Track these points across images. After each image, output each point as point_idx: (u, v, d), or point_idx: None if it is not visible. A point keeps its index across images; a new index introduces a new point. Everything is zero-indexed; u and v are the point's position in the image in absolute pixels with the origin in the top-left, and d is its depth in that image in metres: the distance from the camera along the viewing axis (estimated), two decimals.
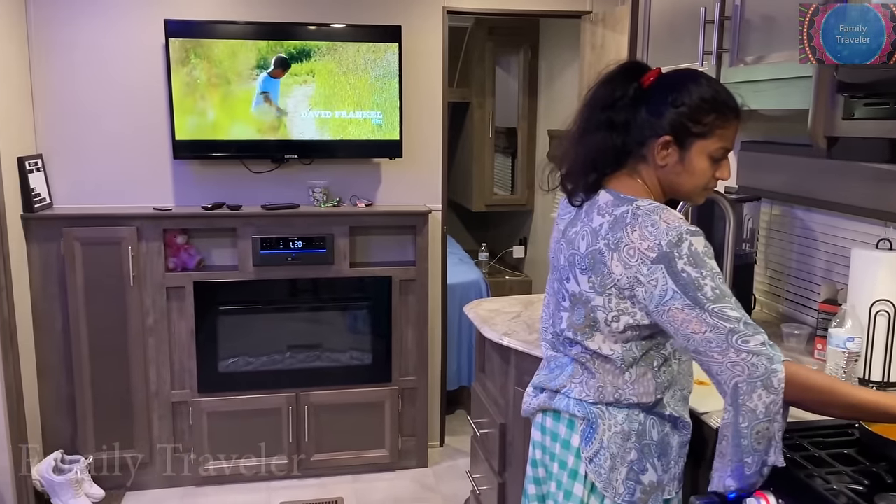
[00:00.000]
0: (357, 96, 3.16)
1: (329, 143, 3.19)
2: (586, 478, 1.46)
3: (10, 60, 2.82)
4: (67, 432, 3.13)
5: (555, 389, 1.54)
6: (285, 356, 3.34)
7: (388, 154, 3.28)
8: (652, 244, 1.32)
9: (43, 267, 3.02)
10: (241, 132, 3.11)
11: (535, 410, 1.61)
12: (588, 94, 1.51)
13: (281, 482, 3.28)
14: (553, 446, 1.55)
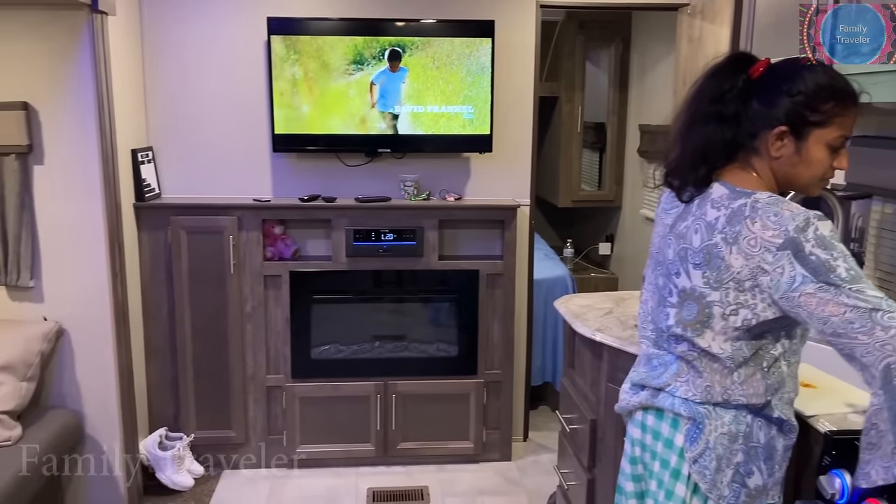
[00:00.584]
0: (449, 91, 3.19)
1: (421, 137, 3.24)
2: (689, 478, 1.44)
3: (125, 58, 2.99)
4: (171, 411, 3.30)
5: (658, 387, 1.52)
6: (374, 345, 3.42)
7: (478, 148, 3.30)
8: (777, 231, 1.29)
9: (152, 254, 3.19)
10: (336, 126, 3.20)
11: (635, 408, 1.59)
12: (694, 88, 1.49)
13: (368, 468, 3.37)
14: (654, 444, 1.54)
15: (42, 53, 2.61)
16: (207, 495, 3.11)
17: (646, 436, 1.57)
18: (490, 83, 3.19)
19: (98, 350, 2.80)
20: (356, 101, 3.17)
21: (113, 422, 2.86)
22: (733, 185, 1.40)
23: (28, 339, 2.62)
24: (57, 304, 2.76)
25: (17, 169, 2.61)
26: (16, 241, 2.65)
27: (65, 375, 2.80)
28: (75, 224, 2.72)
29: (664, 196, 1.59)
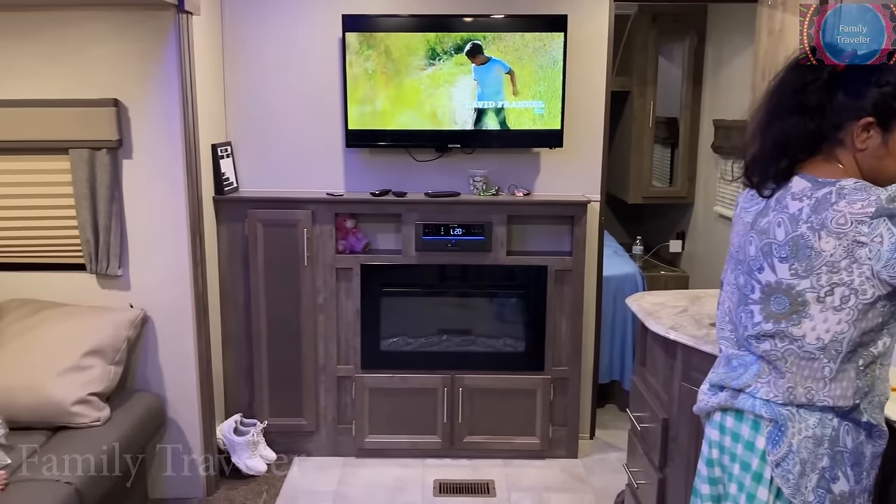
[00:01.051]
0: (520, 86, 3.19)
1: (490, 132, 3.25)
2: (772, 482, 1.41)
3: (207, 57, 3.10)
4: (246, 398, 3.41)
5: (738, 388, 1.50)
6: (442, 339, 3.45)
7: (549, 144, 3.29)
8: (866, 202, 1.29)
9: (229, 245, 3.30)
10: (407, 122, 3.24)
11: (714, 409, 1.57)
12: (775, 80, 1.46)
13: (435, 460, 3.41)
14: (734, 447, 1.51)
15: (131, 53, 2.73)
16: (280, 480, 3.21)
17: (724, 438, 1.54)
18: (562, 78, 3.17)
19: (179, 337, 2.92)
20: (427, 96, 3.20)
21: (192, 406, 2.98)
22: (815, 177, 1.38)
23: (116, 325, 2.76)
24: (142, 292, 2.89)
25: (107, 163, 2.74)
26: (106, 231, 2.79)
27: (148, 360, 2.93)
28: (160, 216, 2.84)
29: (742, 196, 1.57)
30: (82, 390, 2.58)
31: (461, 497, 3.11)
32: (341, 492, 3.14)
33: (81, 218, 2.77)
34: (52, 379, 2.55)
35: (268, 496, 3.07)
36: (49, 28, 2.71)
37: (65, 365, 2.59)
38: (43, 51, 2.72)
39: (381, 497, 3.10)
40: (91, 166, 2.74)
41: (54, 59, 2.73)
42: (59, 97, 2.72)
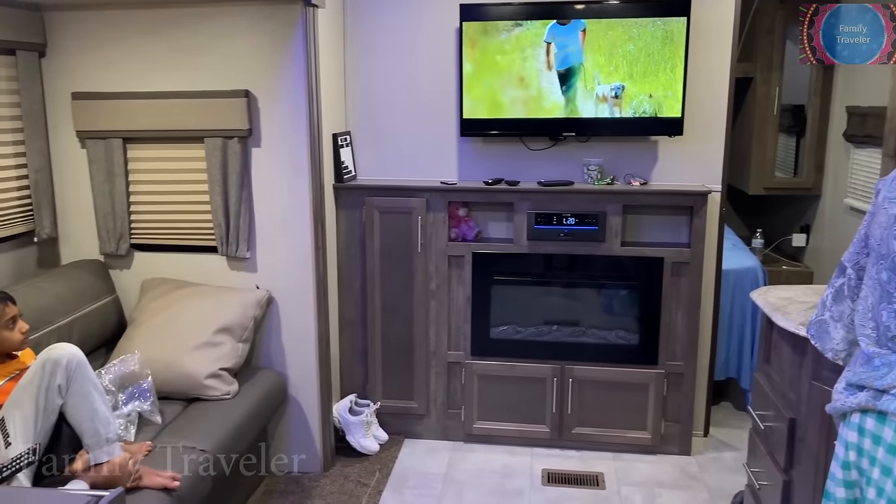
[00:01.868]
0: (638, 72, 3.12)
1: (606, 120, 3.20)
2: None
3: (330, 48, 3.21)
4: (360, 379, 3.53)
5: (881, 389, 1.43)
6: (552, 329, 3.44)
7: (668, 131, 3.20)
8: None
9: (347, 231, 3.42)
10: (521, 111, 3.23)
11: (852, 410, 1.50)
12: None
13: (542, 449, 3.40)
14: (874, 450, 1.44)
15: (262, 46, 2.86)
16: (391, 460, 3.30)
17: (864, 440, 1.47)
18: (683, 64, 3.07)
19: (301, 318, 3.05)
20: (542, 84, 3.19)
21: (312, 385, 3.11)
22: None
23: (244, 304, 2.91)
24: (267, 274, 3.04)
25: (238, 151, 2.89)
26: (236, 216, 2.95)
27: (272, 340, 3.08)
28: (285, 202, 2.97)
29: (884, 183, 1.47)
30: (214, 365, 2.75)
31: (570, 487, 3.10)
32: (451, 475, 3.19)
33: (214, 203, 2.94)
34: (188, 353, 2.73)
35: (380, 475, 3.17)
36: (188, 24, 2.89)
37: (198, 341, 2.77)
38: (183, 45, 2.90)
39: (489, 482, 3.13)
40: (223, 154, 2.90)
41: (193, 52, 2.90)
42: (197, 89, 2.89)
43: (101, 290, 2.96)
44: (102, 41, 2.94)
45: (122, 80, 2.95)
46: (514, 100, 3.23)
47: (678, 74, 3.08)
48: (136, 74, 2.95)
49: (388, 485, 3.10)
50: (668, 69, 3.09)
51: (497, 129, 3.30)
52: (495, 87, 3.22)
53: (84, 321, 2.80)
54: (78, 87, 2.97)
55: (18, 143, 2.86)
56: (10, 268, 2.88)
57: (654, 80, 3.11)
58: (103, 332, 2.92)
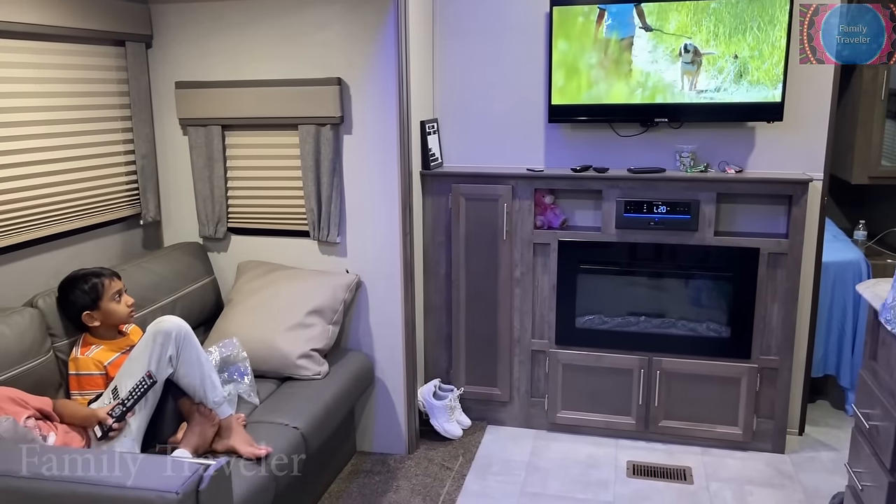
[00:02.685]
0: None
1: (701, 105, 3.10)
2: None
3: (419, 34, 3.23)
4: (444, 364, 3.56)
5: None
6: (640, 319, 3.38)
7: (766, 117, 3.07)
8: None
9: (434, 218, 3.44)
10: (612, 97, 3.17)
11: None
12: None
13: (628, 441, 3.36)
14: None
15: (354, 33, 2.91)
16: (474, 446, 3.32)
17: None
18: (785, 47, 2.94)
19: (388, 302, 3.10)
20: (634, 68, 3.12)
21: (398, 368, 3.16)
22: None
23: (335, 288, 2.99)
24: (357, 258, 3.11)
25: (330, 138, 2.96)
26: (328, 201, 3.02)
27: (360, 322, 3.15)
28: (375, 188, 3.03)
29: None
30: (306, 346, 2.83)
31: (656, 480, 3.04)
32: (534, 463, 3.19)
33: (307, 189, 3.02)
34: (281, 333, 2.82)
35: (464, 459, 3.20)
36: (284, 14, 2.97)
37: (291, 322, 2.86)
38: (279, 35, 2.99)
39: (573, 472, 3.11)
40: (316, 141, 2.97)
41: (289, 41, 2.98)
42: (292, 77, 2.97)
43: (200, 271, 3.10)
44: (204, 31, 3.05)
45: (222, 69, 3.07)
46: (605, 85, 3.17)
47: (779, 58, 2.95)
48: (235, 63, 3.05)
49: (471, 469, 3.13)
50: (767, 52, 2.95)
51: (586, 115, 3.25)
52: (585, 72, 3.17)
53: (185, 300, 2.93)
54: (181, 77, 3.10)
55: (127, 131, 3.02)
56: (117, 249, 3.05)
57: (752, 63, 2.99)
58: (202, 312, 3.05)
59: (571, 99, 3.22)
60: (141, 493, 1.41)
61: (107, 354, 2.38)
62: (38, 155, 2.59)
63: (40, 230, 2.62)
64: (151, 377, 2.15)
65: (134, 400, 2.12)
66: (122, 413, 2.10)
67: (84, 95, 2.78)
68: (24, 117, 2.52)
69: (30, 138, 2.55)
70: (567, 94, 3.22)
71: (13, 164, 2.48)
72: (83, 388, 2.34)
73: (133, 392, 2.13)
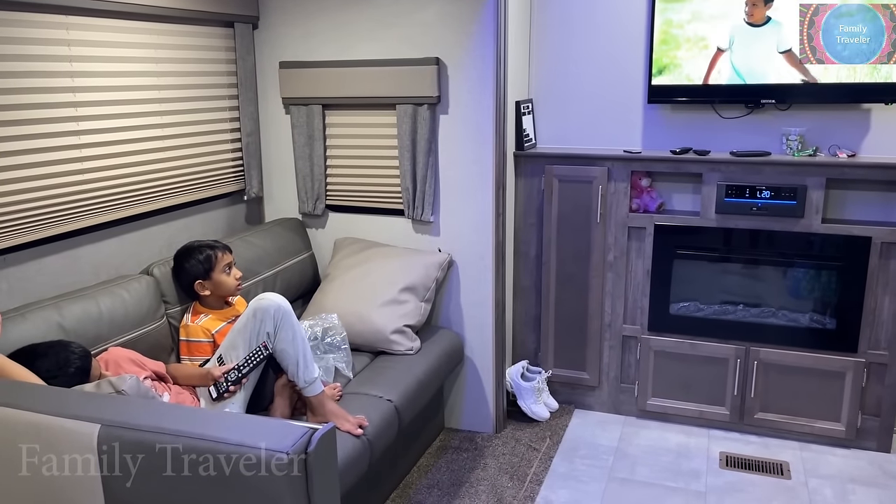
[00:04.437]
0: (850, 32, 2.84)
1: (812, 86, 2.95)
2: None
3: (517, 15, 3.21)
4: (532, 346, 3.56)
5: None
6: (737, 307, 3.27)
7: (884, 99, 2.90)
8: None
9: (526, 199, 3.43)
10: (716, 76, 3.07)
11: None
12: None
13: (720, 432, 3.27)
14: None
15: (453, 14, 2.92)
16: (562, 429, 3.31)
17: None
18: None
19: (479, 282, 3.12)
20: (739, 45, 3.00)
21: (487, 348, 3.18)
22: None
23: (427, 266, 3.03)
24: (449, 237, 3.14)
25: (427, 118, 2.99)
26: (423, 181, 3.06)
27: (451, 301, 3.18)
28: (469, 168, 3.04)
29: None
30: (399, 321, 2.89)
31: (751, 474, 2.96)
32: (622, 449, 3.16)
33: (403, 168, 3.07)
34: (376, 309, 2.89)
35: (551, 442, 3.20)
36: None
37: (385, 298, 2.92)
38: (379, 15, 3.03)
39: (664, 460, 3.06)
40: (413, 121, 3.01)
41: (387, 22, 3.02)
42: (390, 57, 3.02)
43: (299, 246, 3.20)
44: (307, 13, 3.13)
45: (323, 49, 3.14)
46: (709, 65, 3.06)
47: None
48: (336, 44, 3.12)
49: (558, 451, 3.13)
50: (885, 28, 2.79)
51: (688, 95, 3.15)
52: (688, 51, 3.08)
53: (285, 274, 3.04)
54: (284, 57, 3.20)
55: (234, 109, 3.14)
56: (223, 222, 3.18)
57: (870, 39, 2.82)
58: (301, 285, 3.16)
59: (673, 79, 3.14)
60: (254, 451, 1.48)
61: (215, 323, 2.50)
62: (153, 131, 2.73)
63: (154, 203, 2.77)
64: (267, 348, 2.24)
65: (249, 368, 2.23)
66: (237, 378, 2.21)
67: (195, 75, 2.91)
68: (142, 95, 2.66)
69: (146, 115, 2.69)
70: (668, 75, 3.13)
71: (131, 139, 2.63)
72: (192, 353, 2.47)
73: (249, 359, 2.24)
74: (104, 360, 2.13)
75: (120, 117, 2.57)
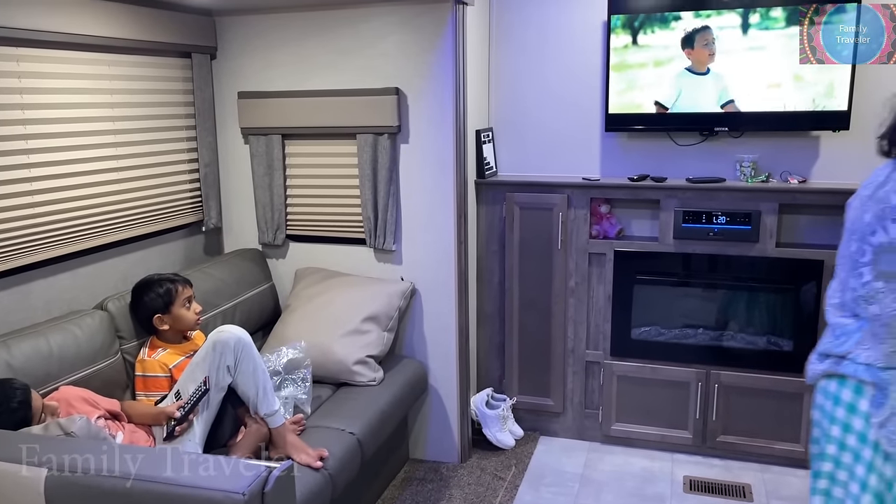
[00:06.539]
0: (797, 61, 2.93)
1: (762, 114, 3.04)
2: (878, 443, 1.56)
3: (475, 44, 3.24)
4: (496, 373, 3.56)
5: (840, 355, 1.65)
6: (697, 331, 3.32)
7: (832, 126, 2.99)
8: None
9: (488, 227, 3.45)
10: (670, 105, 3.13)
11: (819, 376, 1.73)
12: None
13: (684, 455, 3.29)
14: (834, 410, 1.67)
15: (412, 44, 2.94)
16: (527, 456, 3.30)
17: (826, 402, 1.70)
18: (853, 52, 2.86)
19: (442, 310, 3.12)
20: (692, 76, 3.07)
21: (451, 376, 3.17)
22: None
23: (390, 295, 3.01)
24: (412, 266, 3.13)
25: (388, 147, 2.99)
26: (384, 210, 3.05)
27: (415, 330, 3.17)
28: (430, 197, 3.05)
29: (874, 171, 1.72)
30: (361, 352, 2.86)
31: (714, 497, 2.98)
32: (587, 475, 3.16)
33: (364, 197, 3.06)
34: (338, 339, 2.86)
35: (516, 470, 3.18)
36: (344, 25, 3.02)
37: (347, 328, 2.89)
38: (338, 46, 3.04)
39: (628, 485, 3.07)
40: (374, 150, 3.01)
41: (348, 52, 3.03)
42: (350, 87, 3.02)
43: (259, 277, 3.16)
44: (266, 44, 3.13)
45: (283, 79, 3.13)
46: (663, 94, 3.13)
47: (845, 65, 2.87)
48: (296, 74, 3.12)
49: (524, 480, 3.11)
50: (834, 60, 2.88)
51: (644, 123, 3.22)
52: (644, 81, 3.14)
53: (245, 305, 3.00)
54: (243, 87, 3.18)
55: (191, 140, 3.11)
56: (181, 254, 3.13)
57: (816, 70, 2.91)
58: (261, 317, 3.12)
59: (628, 108, 3.19)
60: (209, 493, 1.44)
61: (172, 357, 2.45)
62: (109, 163, 2.68)
63: (109, 236, 2.71)
64: (206, 384, 2.20)
65: (191, 405, 2.18)
66: (182, 416, 2.16)
67: (152, 106, 2.88)
68: (97, 126, 2.62)
69: (101, 147, 2.65)
70: (624, 104, 3.19)
71: (85, 171, 2.58)
72: (149, 389, 2.41)
73: (192, 396, 2.19)
74: (54, 399, 2.06)
75: (73, 149, 2.52)
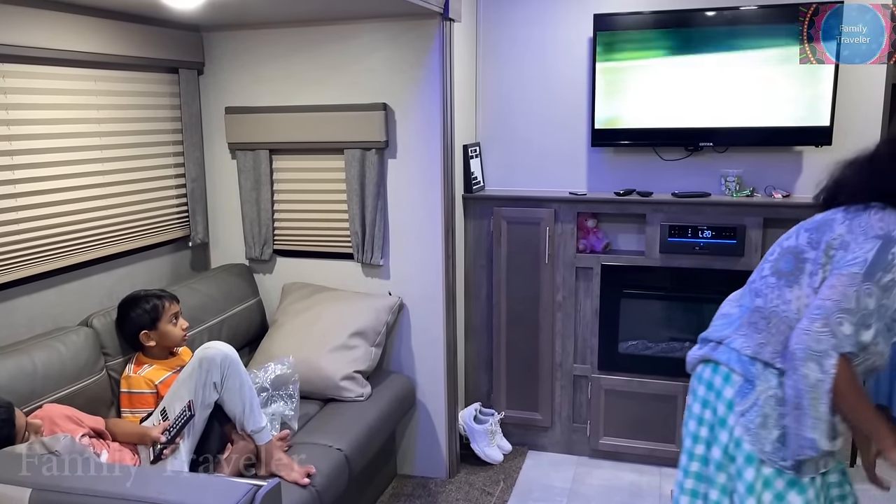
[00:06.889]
0: (782, 78, 2.98)
1: (747, 129, 3.07)
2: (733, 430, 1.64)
3: (463, 60, 3.27)
4: (485, 388, 3.55)
5: (717, 340, 1.74)
6: (684, 345, 3.33)
7: (814, 141, 3.03)
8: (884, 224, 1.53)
9: (475, 241, 3.46)
10: (656, 120, 3.17)
11: (697, 362, 1.80)
12: None
13: (672, 469, 3.27)
14: (707, 395, 1.74)
15: (400, 59, 2.96)
16: (515, 471, 3.29)
17: (700, 387, 1.77)
18: (834, 68, 2.90)
19: (430, 325, 3.11)
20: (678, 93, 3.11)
21: (439, 391, 3.16)
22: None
23: (378, 310, 3.01)
24: (399, 281, 3.13)
25: (375, 162, 3.00)
26: (372, 224, 3.05)
27: (402, 345, 3.16)
28: (418, 212, 3.05)
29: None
30: (349, 367, 2.85)
31: None
32: (576, 489, 3.15)
33: (351, 212, 3.06)
34: (325, 355, 2.85)
35: (505, 485, 3.17)
36: (332, 41, 3.03)
37: (335, 343, 2.88)
38: (326, 61, 3.05)
39: (616, 499, 3.07)
40: (361, 165, 3.01)
41: (335, 68, 3.04)
42: (338, 103, 3.03)
43: (246, 292, 3.15)
44: (253, 59, 3.13)
45: (271, 95, 3.14)
46: (648, 110, 3.16)
47: (826, 81, 2.91)
48: (283, 90, 3.12)
49: (512, 495, 3.10)
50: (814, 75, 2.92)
51: (630, 138, 3.24)
52: (629, 97, 3.17)
53: (232, 321, 2.98)
54: (231, 102, 3.18)
55: (178, 155, 3.10)
56: (167, 270, 3.11)
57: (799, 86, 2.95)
58: (248, 332, 3.10)
59: (614, 123, 3.22)
60: None
61: (159, 373, 2.43)
62: (95, 178, 2.67)
63: (95, 251, 2.69)
64: (191, 408, 2.18)
65: (177, 429, 2.16)
66: (169, 439, 2.14)
67: (139, 121, 2.87)
68: (83, 142, 2.61)
69: (87, 162, 2.63)
70: (610, 119, 3.22)
71: (71, 186, 2.57)
72: (134, 406, 2.39)
73: (177, 420, 2.17)
74: (38, 417, 2.04)
75: (59, 164, 2.51)
